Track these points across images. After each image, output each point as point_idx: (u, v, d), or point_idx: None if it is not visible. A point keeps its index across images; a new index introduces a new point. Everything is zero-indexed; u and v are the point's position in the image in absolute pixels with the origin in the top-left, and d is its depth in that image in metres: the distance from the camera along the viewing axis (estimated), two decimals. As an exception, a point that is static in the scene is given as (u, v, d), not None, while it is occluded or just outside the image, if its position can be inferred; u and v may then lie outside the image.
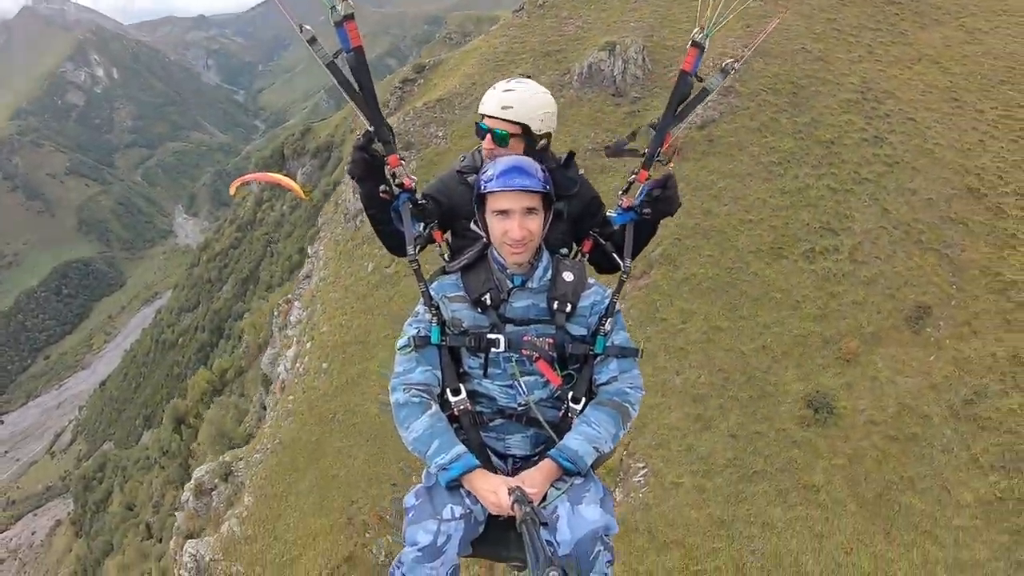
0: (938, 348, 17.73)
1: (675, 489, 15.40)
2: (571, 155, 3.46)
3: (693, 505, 14.79)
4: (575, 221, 3.35)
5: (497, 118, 3.24)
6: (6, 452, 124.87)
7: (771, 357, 18.41)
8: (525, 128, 3.25)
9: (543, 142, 3.32)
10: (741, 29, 25.66)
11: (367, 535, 19.63)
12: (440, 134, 25.15)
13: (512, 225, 2.80)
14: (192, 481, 26.41)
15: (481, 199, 2.89)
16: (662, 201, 3.19)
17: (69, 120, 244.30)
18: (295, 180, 78.09)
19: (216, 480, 24.97)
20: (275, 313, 34.57)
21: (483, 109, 3.31)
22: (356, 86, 2.94)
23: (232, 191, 26.64)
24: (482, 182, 2.85)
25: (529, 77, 3.33)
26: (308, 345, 25.01)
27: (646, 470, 16.14)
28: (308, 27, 2.70)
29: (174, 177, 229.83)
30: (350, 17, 2.79)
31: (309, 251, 34.05)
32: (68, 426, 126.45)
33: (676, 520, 14.37)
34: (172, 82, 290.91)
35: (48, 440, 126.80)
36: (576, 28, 27.89)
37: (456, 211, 3.36)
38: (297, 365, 25.27)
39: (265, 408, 28.59)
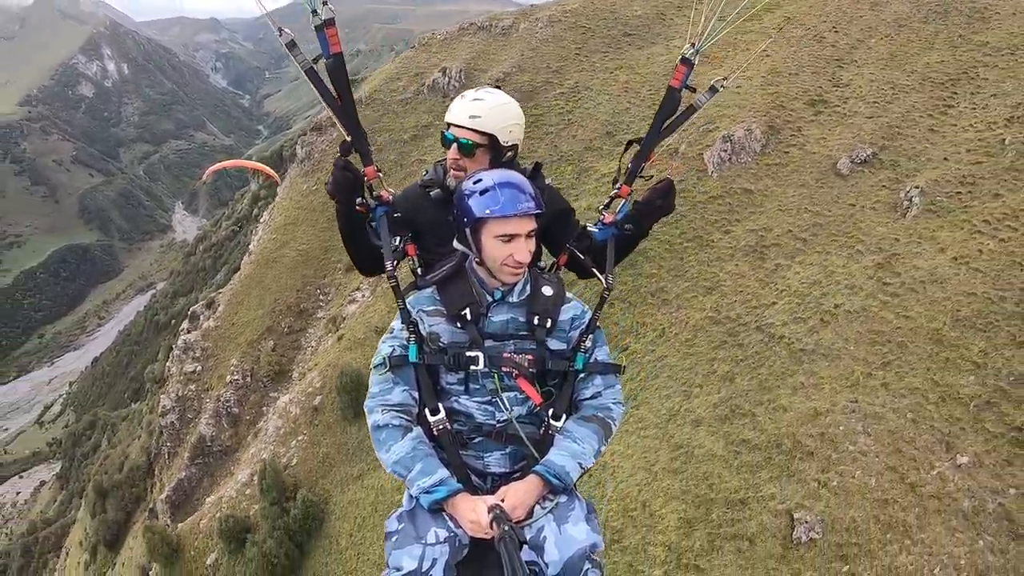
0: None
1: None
2: (538, 166, 3.43)
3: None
4: (543, 232, 3.19)
5: (464, 127, 3.24)
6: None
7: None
8: (492, 139, 3.25)
9: (509, 154, 3.33)
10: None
11: (280, 318, 38.33)
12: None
13: (519, 248, 2.79)
14: (188, 314, 45.83)
15: (478, 221, 2.79)
16: (663, 209, 3.28)
17: (78, 111, 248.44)
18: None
19: (204, 309, 44.41)
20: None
21: (450, 118, 3.29)
22: (335, 93, 3.03)
23: (204, 177, 32.14)
24: (479, 205, 2.77)
25: (499, 86, 3.39)
26: (268, 227, 44.85)
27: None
28: (288, 31, 2.81)
29: (176, 174, 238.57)
30: (331, 23, 2.88)
31: (278, 190, 54.43)
32: (58, 400, 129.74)
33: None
34: (180, 81, 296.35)
35: (37, 412, 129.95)
36: (439, 60, 45.92)
37: (420, 226, 3.34)
38: (261, 237, 44.93)
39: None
